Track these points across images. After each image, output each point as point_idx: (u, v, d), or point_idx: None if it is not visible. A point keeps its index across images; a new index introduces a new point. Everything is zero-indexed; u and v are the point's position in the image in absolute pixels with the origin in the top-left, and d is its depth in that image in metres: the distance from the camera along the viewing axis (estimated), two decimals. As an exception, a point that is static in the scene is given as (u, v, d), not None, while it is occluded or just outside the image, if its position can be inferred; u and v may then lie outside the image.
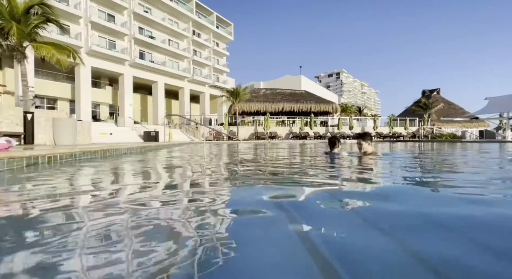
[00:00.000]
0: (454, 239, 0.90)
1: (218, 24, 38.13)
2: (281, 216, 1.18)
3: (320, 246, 0.80)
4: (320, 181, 2.31)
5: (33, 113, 6.88)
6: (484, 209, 1.32)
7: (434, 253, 0.76)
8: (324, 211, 1.30)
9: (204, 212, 1.23)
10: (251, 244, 0.83)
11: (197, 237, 0.89)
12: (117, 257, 0.74)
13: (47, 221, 1.13)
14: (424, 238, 0.90)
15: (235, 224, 1.08)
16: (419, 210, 1.29)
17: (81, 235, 0.91)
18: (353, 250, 0.79)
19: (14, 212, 1.32)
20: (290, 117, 26.81)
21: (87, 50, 22.40)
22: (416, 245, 0.83)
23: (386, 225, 1.06)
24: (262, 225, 1.04)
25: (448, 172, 3.13)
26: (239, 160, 4.58)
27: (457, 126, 29.09)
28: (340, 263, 0.69)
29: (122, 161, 4.05)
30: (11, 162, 2.63)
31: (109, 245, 0.83)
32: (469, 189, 1.96)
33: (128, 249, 0.79)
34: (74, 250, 0.78)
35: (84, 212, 1.25)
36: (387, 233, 0.96)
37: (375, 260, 0.73)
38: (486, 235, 0.94)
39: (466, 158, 5.22)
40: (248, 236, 0.91)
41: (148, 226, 1.02)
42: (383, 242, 0.88)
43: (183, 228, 1.00)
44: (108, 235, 0.92)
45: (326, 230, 0.97)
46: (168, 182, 2.26)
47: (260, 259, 0.73)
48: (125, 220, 1.10)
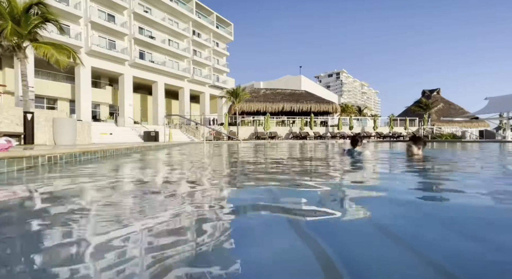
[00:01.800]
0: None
1: (218, 24, 38.13)
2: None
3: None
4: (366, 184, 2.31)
5: (33, 113, 6.88)
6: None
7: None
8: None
9: (210, 213, 1.22)
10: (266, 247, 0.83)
11: (198, 237, 0.89)
12: (112, 258, 0.74)
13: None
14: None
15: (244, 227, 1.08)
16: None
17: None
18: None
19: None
20: (290, 117, 26.80)
21: (87, 50, 22.39)
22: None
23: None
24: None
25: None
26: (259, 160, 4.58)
27: (457, 126, 29.08)
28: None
29: (122, 162, 4.04)
30: (11, 162, 2.63)
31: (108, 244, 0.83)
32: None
33: (127, 250, 0.78)
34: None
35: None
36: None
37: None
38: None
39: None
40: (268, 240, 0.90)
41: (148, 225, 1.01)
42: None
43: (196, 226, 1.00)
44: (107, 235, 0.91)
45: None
46: (175, 182, 2.25)
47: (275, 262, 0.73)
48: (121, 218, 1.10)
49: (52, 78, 23.28)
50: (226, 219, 1.14)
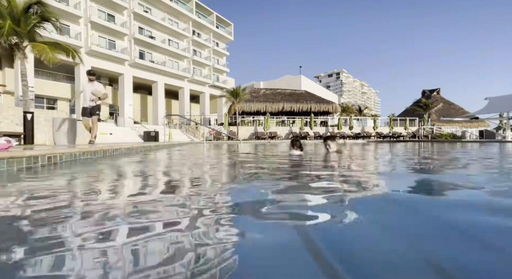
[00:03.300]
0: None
1: (218, 24, 38.14)
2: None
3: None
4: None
5: (33, 113, 6.88)
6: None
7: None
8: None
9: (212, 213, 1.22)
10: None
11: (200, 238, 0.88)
12: (108, 259, 0.73)
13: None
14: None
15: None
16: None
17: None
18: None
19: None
20: (290, 117, 26.82)
21: (87, 50, 22.40)
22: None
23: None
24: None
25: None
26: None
27: (457, 126, 29.09)
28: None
29: (123, 161, 4.04)
30: (11, 162, 2.62)
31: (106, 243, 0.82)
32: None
33: (125, 250, 0.78)
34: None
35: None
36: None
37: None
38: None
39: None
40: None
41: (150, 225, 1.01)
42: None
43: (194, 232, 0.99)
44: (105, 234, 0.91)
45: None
46: (176, 182, 2.25)
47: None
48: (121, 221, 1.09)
49: (52, 78, 23.28)
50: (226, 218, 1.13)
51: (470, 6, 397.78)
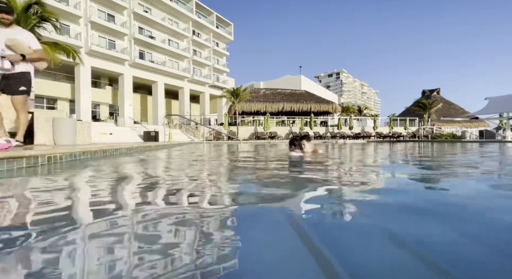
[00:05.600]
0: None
1: (218, 24, 38.16)
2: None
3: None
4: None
5: (33, 113, 6.86)
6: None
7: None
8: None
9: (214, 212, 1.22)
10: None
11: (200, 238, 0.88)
12: (111, 259, 0.73)
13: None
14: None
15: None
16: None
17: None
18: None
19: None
20: (290, 117, 26.83)
21: (87, 50, 22.40)
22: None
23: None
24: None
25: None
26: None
27: (457, 126, 29.11)
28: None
29: (122, 161, 4.04)
30: (11, 162, 2.62)
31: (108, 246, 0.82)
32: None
33: (125, 250, 0.78)
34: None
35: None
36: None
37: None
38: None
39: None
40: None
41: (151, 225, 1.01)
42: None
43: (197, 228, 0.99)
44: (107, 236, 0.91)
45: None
46: (177, 182, 2.25)
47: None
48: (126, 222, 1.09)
49: (52, 78, 23.29)
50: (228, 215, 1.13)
51: (470, 6, 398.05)
